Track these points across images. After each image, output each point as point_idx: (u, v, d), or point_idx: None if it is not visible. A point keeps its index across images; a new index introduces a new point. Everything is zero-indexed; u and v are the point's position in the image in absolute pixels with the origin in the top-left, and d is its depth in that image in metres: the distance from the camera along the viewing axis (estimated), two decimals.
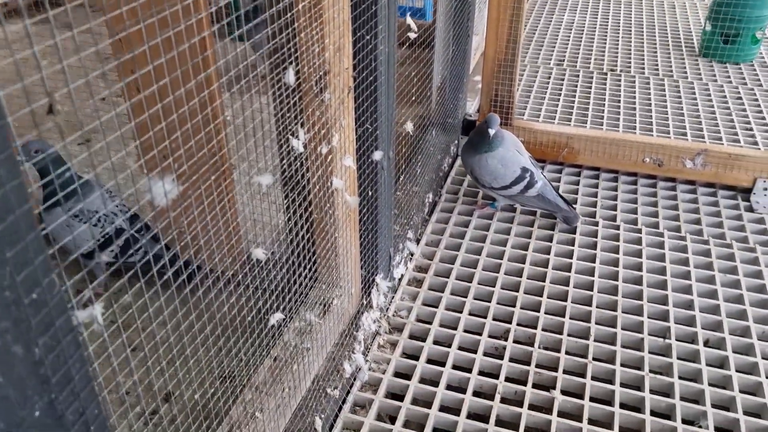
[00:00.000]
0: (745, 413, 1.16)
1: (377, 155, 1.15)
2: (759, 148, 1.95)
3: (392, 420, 1.16)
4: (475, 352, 1.29)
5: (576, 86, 2.43)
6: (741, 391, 1.20)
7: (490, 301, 1.42)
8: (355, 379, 1.22)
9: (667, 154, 1.83)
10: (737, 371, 1.24)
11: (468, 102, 2.18)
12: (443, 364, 1.26)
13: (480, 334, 1.34)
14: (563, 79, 2.49)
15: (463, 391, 1.21)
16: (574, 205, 1.71)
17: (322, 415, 1.10)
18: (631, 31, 3.01)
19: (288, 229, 0.98)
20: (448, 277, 1.49)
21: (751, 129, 2.11)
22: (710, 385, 1.21)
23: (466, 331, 1.35)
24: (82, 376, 0.48)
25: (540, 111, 2.26)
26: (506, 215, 1.72)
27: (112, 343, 0.64)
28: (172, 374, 0.81)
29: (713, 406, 1.17)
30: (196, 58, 0.62)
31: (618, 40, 2.88)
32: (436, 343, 1.33)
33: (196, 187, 0.69)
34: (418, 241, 1.61)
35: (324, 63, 0.93)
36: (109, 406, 0.65)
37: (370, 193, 1.18)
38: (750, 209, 1.75)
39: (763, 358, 1.27)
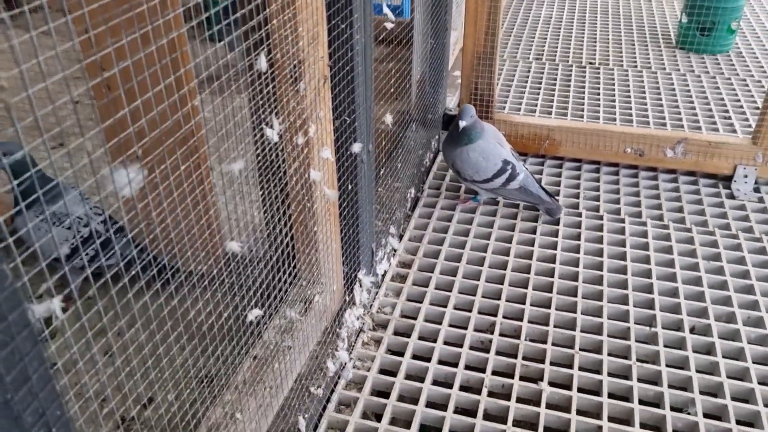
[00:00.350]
0: (733, 399, 1.15)
1: (356, 148, 1.12)
2: (738, 136, 1.96)
3: (378, 418, 1.14)
4: (461, 346, 1.27)
5: (555, 80, 2.43)
6: (728, 377, 1.19)
7: (474, 295, 1.40)
8: (339, 378, 1.20)
9: (648, 143, 1.82)
10: (724, 357, 1.23)
11: (448, 97, 2.16)
12: (429, 360, 1.24)
13: (465, 328, 1.32)
14: (543, 73, 2.48)
15: (450, 386, 1.18)
16: (556, 197, 1.69)
17: (306, 415, 1.07)
18: (608, 24, 3.01)
19: (265, 223, 0.95)
20: (432, 272, 1.47)
21: (729, 117, 2.12)
22: (698, 371, 1.20)
23: (451, 325, 1.33)
24: (41, 375, 0.45)
25: (520, 104, 2.26)
26: (489, 209, 1.70)
27: (89, 348, 0.62)
28: (148, 378, 0.78)
29: (701, 392, 1.16)
30: (166, 58, 0.59)
31: (596, 34, 2.89)
32: (421, 338, 1.30)
33: (172, 184, 0.66)
34: (400, 237, 1.59)
35: (298, 51, 0.91)
36: (76, 410, 0.62)
37: (350, 187, 1.16)
38: (731, 196, 1.75)
39: (748, 343, 1.26)
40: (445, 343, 1.28)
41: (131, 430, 1.05)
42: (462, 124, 1.55)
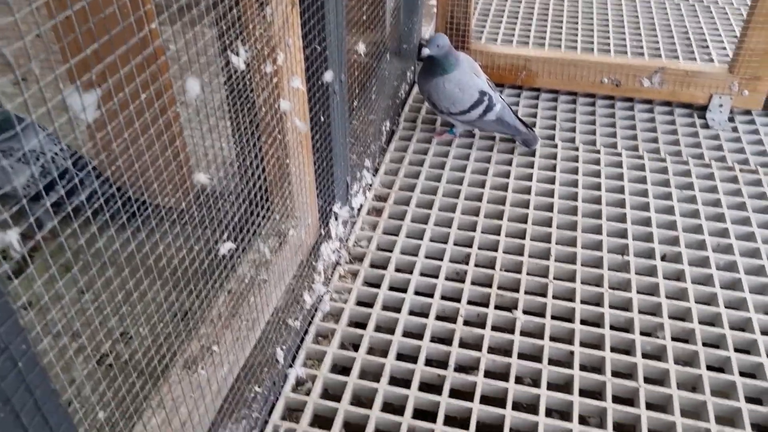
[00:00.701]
0: (701, 323, 1.18)
1: (328, 77, 1.08)
2: (715, 65, 1.94)
3: (356, 348, 1.15)
4: (436, 277, 1.28)
5: (533, 7, 2.37)
6: (696, 302, 1.22)
7: (450, 227, 1.40)
8: (316, 310, 1.20)
9: (625, 73, 1.80)
10: (693, 283, 1.26)
11: (424, 27, 2.10)
12: (405, 291, 1.25)
13: (441, 259, 1.32)
14: (521, 2, 2.42)
15: (426, 315, 1.20)
16: (533, 128, 1.68)
17: (284, 347, 1.08)
18: None
19: (236, 155, 0.93)
20: (407, 205, 1.46)
21: (707, 46, 2.09)
22: (667, 297, 1.23)
23: (427, 257, 1.33)
24: None
25: (497, 34, 2.21)
26: (465, 141, 1.68)
27: (53, 284, 0.60)
28: (123, 315, 0.77)
29: (669, 317, 1.19)
30: None
31: None
32: (397, 270, 1.31)
33: (132, 112, 0.63)
34: (376, 170, 1.57)
35: None
36: (46, 345, 0.61)
37: (322, 118, 1.13)
38: (706, 126, 1.75)
39: (717, 269, 1.29)
40: (421, 274, 1.29)
41: (104, 364, 1.05)
42: (425, 52, 1.51)
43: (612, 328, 1.17)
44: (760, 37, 1.67)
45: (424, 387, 1.09)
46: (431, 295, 1.24)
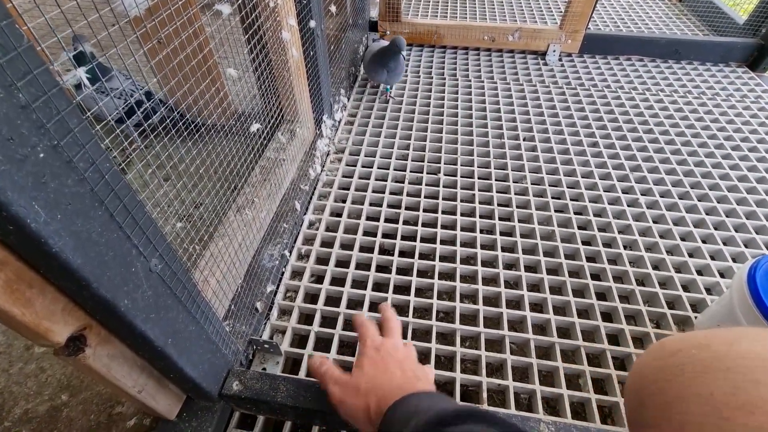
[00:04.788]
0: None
1: (312, 24, 0.93)
2: (549, 25, 1.81)
3: (344, 201, 1.08)
4: (390, 158, 1.19)
5: None
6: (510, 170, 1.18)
7: (396, 129, 1.30)
8: (318, 181, 1.11)
9: (498, 32, 1.66)
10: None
11: (371, 9, 1.88)
12: (372, 167, 1.17)
13: (392, 147, 1.23)
14: None
15: (385, 180, 1.13)
16: (443, 74, 1.54)
17: (299, 202, 1.00)
18: None
19: (254, 69, 0.79)
20: (369, 118, 1.35)
21: (549, 13, 1.95)
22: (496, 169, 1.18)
23: (383, 147, 1.24)
24: (82, 130, 0.33)
25: (418, 10, 2.00)
26: (400, 84, 1.54)
27: (151, 179, 0.49)
28: (197, 191, 0.67)
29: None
30: None
31: None
32: (366, 156, 1.22)
33: (184, 56, 0.50)
34: (348, 98, 1.43)
35: None
36: (150, 208, 0.50)
37: (311, 53, 0.98)
38: (545, 64, 1.65)
39: (550, 148, 1.24)
40: (381, 157, 1.20)
41: (189, 220, 0.95)
42: (404, 54, 1.27)
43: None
44: (577, 5, 1.54)
45: (388, 220, 1.04)
46: (387, 168, 1.16)
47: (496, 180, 1.13)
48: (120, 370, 0.49)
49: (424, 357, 0.78)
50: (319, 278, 0.91)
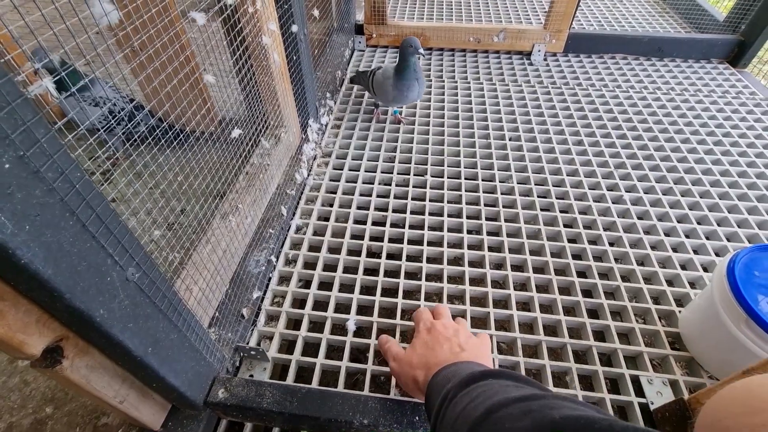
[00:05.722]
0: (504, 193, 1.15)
1: (294, 28, 0.93)
2: (534, 25, 1.83)
3: (331, 205, 1.08)
4: (377, 160, 1.20)
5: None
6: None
7: (383, 131, 1.30)
8: (304, 185, 1.11)
9: (483, 34, 1.68)
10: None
11: (357, 13, 1.89)
12: (359, 170, 1.17)
13: (379, 150, 1.24)
14: None
15: (372, 182, 1.13)
16: (429, 76, 1.55)
17: (286, 206, 1.00)
18: None
19: (236, 74, 0.79)
20: (356, 122, 1.35)
21: (534, 13, 1.97)
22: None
23: (370, 150, 1.24)
24: (49, 140, 0.33)
25: (405, 13, 2.01)
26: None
27: (139, 188, 0.49)
28: (181, 197, 0.66)
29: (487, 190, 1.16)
30: None
31: None
32: (353, 159, 1.22)
33: (169, 72, 0.50)
34: (334, 101, 1.43)
35: None
36: (134, 224, 0.50)
37: (294, 58, 0.99)
38: (531, 64, 1.67)
39: (533, 142, 1.25)
40: (368, 160, 1.21)
41: (171, 225, 0.95)
42: (421, 52, 1.09)
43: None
44: (561, 4, 1.56)
45: (376, 222, 1.04)
46: (374, 171, 1.16)
47: (482, 180, 1.14)
48: (100, 380, 0.49)
49: None
50: (306, 283, 0.91)
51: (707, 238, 1.00)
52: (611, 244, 0.99)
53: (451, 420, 0.36)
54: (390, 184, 1.13)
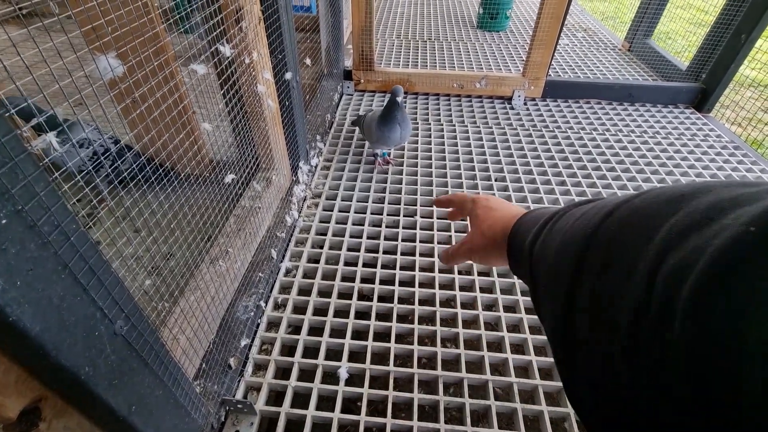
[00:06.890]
0: None
1: (288, 75, 0.97)
2: (514, 73, 1.94)
3: (321, 247, 1.08)
4: (366, 201, 1.21)
5: (410, 48, 2.28)
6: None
7: (372, 172, 1.33)
8: (294, 227, 1.11)
9: (466, 80, 1.77)
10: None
11: (346, 60, 1.98)
12: (348, 211, 1.18)
13: (369, 191, 1.25)
14: (402, 43, 2.33)
15: (362, 224, 1.14)
16: (416, 119, 1.61)
17: (276, 249, 0.99)
18: (437, 14, 2.85)
19: (232, 128, 0.81)
20: (345, 162, 1.38)
21: (512, 62, 2.09)
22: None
23: (360, 191, 1.26)
24: (48, 193, 0.33)
25: (390, 60, 2.11)
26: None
27: (122, 230, 0.49)
28: (167, 240, 0.65)
29: None
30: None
31: (431, 20, 2.73)
32: (342, 200, 1.23)
33: (163, 114, 0.51)
34: (324, 143, 1.47)
35: (239, 4, 0.73)
36: (118, 266, 0.49)
37: (287, 103, 1.02)
38: (512, 108, 1.75)
39: (517, 183, 1.29)
40: (357, 201, 1.22)
41: (159, 273, 0.93)
42: (400, 100, 1.17)
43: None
44: (537, 54, 1.67)
45: (366, 264, 1.03)
46: (364, 212, 1.17)
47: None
48: None
49: (407, 408, 0.75)
50: (296, 328, 0.89)
51: None
52: None
53: (564, 227, 0.29)
54: (380, 226, 1.14)
